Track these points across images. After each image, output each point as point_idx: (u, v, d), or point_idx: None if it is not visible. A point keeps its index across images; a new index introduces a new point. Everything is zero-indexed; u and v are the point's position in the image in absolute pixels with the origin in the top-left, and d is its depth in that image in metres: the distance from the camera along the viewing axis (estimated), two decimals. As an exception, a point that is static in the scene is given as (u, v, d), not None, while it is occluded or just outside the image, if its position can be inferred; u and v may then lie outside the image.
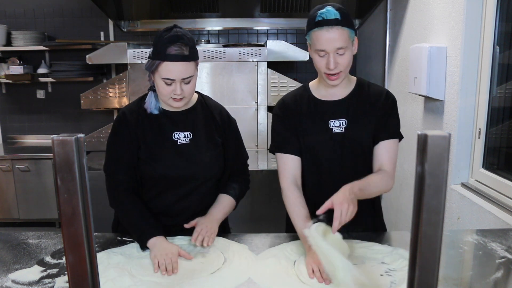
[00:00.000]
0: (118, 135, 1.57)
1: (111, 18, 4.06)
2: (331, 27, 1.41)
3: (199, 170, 1.57)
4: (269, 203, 3.10)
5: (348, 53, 1.46)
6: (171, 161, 1.54)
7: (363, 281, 1.16)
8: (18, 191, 3.86)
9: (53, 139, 0.67)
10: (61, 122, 4.40)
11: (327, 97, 1.59)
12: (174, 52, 1.40)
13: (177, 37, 1.42)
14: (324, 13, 1.42)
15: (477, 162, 2.16)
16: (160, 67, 1.43)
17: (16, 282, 1.24)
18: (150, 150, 1.55)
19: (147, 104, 1.55)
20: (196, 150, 1.57)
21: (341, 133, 1.55)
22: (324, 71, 1.48)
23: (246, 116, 3.65)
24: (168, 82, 1.44)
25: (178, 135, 1.56)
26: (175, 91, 1.45)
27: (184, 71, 1.44)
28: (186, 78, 1.45)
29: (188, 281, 1.25)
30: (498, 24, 2.02)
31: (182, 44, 1.42)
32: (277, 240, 1.51)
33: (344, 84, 1.57)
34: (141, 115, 1.56)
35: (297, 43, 4.09)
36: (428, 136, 0.64)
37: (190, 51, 1.44)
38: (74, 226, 0.69)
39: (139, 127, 1.55)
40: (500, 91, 2.08)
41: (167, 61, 1.41)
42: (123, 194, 1.55)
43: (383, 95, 1.59)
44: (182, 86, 1.45)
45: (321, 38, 1.43)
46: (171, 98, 1.47)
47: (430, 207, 0.65)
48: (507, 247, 1.40)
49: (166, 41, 1.41)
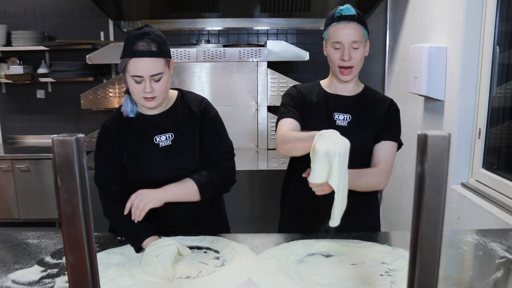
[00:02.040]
0: (102, 147, 1.58)
1: (111, 18, 4.06)
2: (349, 22, 1.55)
3: (182, 170, 1.55)
4: (269, 203, 3.10)
5: (361, 49, 1.58)
6: (154, 164, 1.54)
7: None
8: (18, 191, 3.86)
9: (53, 139, 0.67)
10: (61, 122, 4.41)
11: (336, 92, 1.68)
12: (140, 48, 1.39)
13: (144, 33, 1.41)
14: (343, 10, 1.57)
15: (477, 162, 2.16)
16: (129, 65, 1.41)
17: (16, 282, 1.24)
18: (133, 156, 1.55)
19: (123, 108, 1.54)
20: (178, 151, 1.55)
21: (343, 127, 1.61)
22: (338, 63, 1.58)
23: (246, 116, 3.65)
24: (137, 80, 1.42)
25: (160, 138, 1.55)
26: (145, 89, 1.43)
27: (152, 67, 1.41)
28: (155, 75, 1.42)
29: (188, 281, 1.25)
30: (498, 24, 2.02)
31: (149, 40, 1.41)
32: (277, 240, 1.51)
33: (353, 84, 1.67)
34: (122, 122, 1.56)
35: (297, 43, 4.10)
36: (428, 136, 0.64)
37: (158, 48, 1.42)
38: (74, 226, 0.69)
39: (120, 135, 1.55)
40: (500, 91, 2.08)
41: (134, 57, 1.40)
42: (115, 204, 1.54)
43: (387, 102, 1.68)
44: (151, 84, 1.43)
45: (338, 31, 1.56)
46: (143, 98, 1.45)
47: (430, 207, 0.65)
48: (507, 247, 1.40)
49: (133, 38, 1.41)
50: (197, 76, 3.59)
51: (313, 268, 1.31)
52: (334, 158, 1.20)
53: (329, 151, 1.21)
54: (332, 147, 1.21)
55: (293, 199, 1.77)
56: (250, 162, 3.35)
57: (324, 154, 1.22)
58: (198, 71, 3.59)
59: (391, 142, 1.62)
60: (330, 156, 1.21)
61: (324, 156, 1.22)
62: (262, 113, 3.66)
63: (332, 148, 1.21)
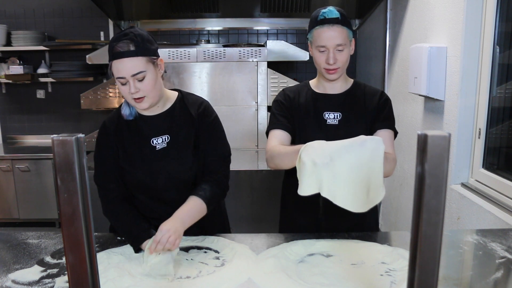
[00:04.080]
0: (101, 146, 1.58)
1: (111, 18, 4.06)
2: (332, 25, 1.54)
3: (177, 173, 1.55)
4: (269, 203, 3.10)
5: (346, 50, 1.58)
6: (150, 167, 1.53)
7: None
8: (18, 191, 3.86)
9: (53, 139, 0.67)
10: (61, 122, 4.41)
11: (324, 91, 1.69)
12: (118, 50, 1.40)
13: (123, 35, 1.42)
14: (326, 13, 1.55)
15: (477, 162, 2.16)
16: (113, 68, 1.42)
17: (16, 282, 1.24)
18: (129, 157, 1.55)
19: (123, 111, 1.55)
20: (174, 153, 1.54)
21: (334, 125, 1.63)
22: (323, 66, 1.59)
23: (246, 116, 3.65)
24: (122, 82, 1.43)
25: (157, 141, 1.55)
26: (130, 90, 1.43)
27: (131, 67, 1.40)
28: (136, 74, 1.41)
29: (188, 281, 1.25)
30: (498, 24, 2.02)
31: (128, 40, 1.40)
32: (277, 240, 1.51)
33: (341, 82, 1.68)
34: (121, 123, 1.57)
35: (297, 43, 4.10)
36: (428, 136, 0.64)
37: (137, 47, 1.41)
38: (74, 226, 0.69)
39: (118, 135, 1.56)
40: (500, 91, 2.08)
41: (114, 59, 1.41)
42: (114, 202, 1.54)
43: (377, 94, 1.68)
44: (135, 84, 1.42)
45: (322, 35, 1.55)
46: (132, 99, 1.45)
47: (430, 207, 0.65)
48: (507, 247, 1.40)
49: (112, 41, 1.42)
50: (197, 76, 3.59)
51: (313, 268, 1.31)
52: (322, 169, 1.19)
53: (316, 162, 1.20)
54: (319, 157, 1.20)
55: (293, 199, 1.77)
56: (250, 162, 3.35)
57: (311, 165, 1.21)
58: (198, 71, 3.59)
59: (387, 130, 1.62)
60: (317, 167, 1.20)
61: (311, 167, 1.21)
62: (262, 113, 3.65)
63: (319, 158, 1.20)
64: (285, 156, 1.48)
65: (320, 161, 1.20)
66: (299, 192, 1.23)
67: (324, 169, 1.19)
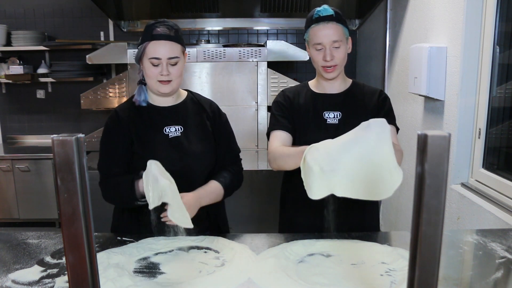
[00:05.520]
0: (111, 132, 1.60)
1: (111, 18, 4.06)
2: (327, 22, 1.57)
3: (191, 162, 1.59)
4: (269, 203, 3.09)
5: (343, 47, 1.60)
6: (164, 154, 1.56)
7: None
8: (18, 191, 3.86)
9: (53, 139, 0.67)
10: (61, 122, 4.40)
11: (323, 91, 1.70)
12: (160, 32, 1.50)
13: (163, 21, 1.53)
14: (321, 11, 1.58)
15: (477, 162, 2.16)
16: (147, 48, 1.50)
17: (16, 282, 1.24)
18: (143, 144, 1.57)
19: (136, 97, 1.60)
20: (188, 143, 1.59)
21: (335, 124, 1.64)
22: (321, 64, 1.61)
23: (246, 116, 3.65)
24: (155, 63, 1.51)
25: (169, 129, 1.60)
26: (161, 72, 1.51)
27: (170, 50, 1.51)
28: (172, 58, 1.51)
29: (188, 281, 1.25)
30: (498, 24, 2.02)
31: (169, 26, 1.52)
32: (277, 240, 1.51)
33: (340, 82, 1.69)
34: (132, 111, 1.61)
35: (297, 43, 4.09)
36: (428, 136, 0.64)
37: (176, 34, 1.52)
38: (74, 226, 0.69)
39: (131, 122, 1.59)
40: (500, 91, 2.08)
41: (153, 40, 1.50)
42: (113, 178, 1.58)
43: (376, 93, 1.70)
44: (168, 68, 1.52)
45: (318, 32, 1.58)
46: (158, 81, 1.53)
47: (430, 207, 0.65)
48: (507, 247, 1.40)
49: (152, 24, 1.52)
50: (197, 76, 3.59)
51: (313, 268, 1.31)
52: (331, 175, 1.15)
53: (324, 169, 1.17)
54: (326, 164, 1.17)
55: (293, 199, 1.77)
56: (250, 162, 3.35)
57: (318, 170, 1.17)
58: (198, 71, 3.59)
59: (390, 125, 1.60)
60: (326, 173, 1.16)
61: (319, 173, 1.17)
62: (262, 113, 3.65)
63: (327, 165, 1.17)
64: (288, 157, 1.49)
65: (328, 168, 1.16)
66: (310, 196, 1.20)
67: (333, 174, 1.16)
